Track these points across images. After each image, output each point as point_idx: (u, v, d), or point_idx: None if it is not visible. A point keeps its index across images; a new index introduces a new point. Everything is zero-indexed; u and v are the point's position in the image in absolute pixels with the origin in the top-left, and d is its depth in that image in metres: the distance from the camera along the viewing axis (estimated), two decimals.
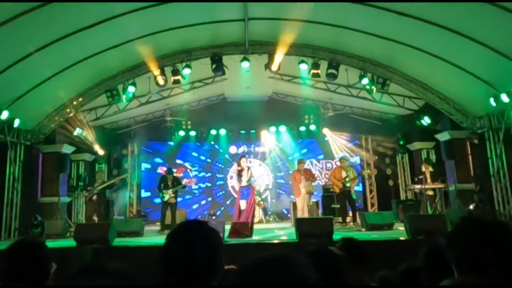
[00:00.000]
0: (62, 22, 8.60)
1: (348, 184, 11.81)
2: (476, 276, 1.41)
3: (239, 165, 10.19)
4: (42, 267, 2.20)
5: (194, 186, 16.40)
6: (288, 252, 1.06)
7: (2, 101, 10.21)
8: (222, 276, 1.60)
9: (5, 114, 10.34)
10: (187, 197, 16.51)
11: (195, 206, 16.61)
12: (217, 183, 17.07)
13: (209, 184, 17.03)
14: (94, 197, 12.29)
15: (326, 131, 16.36)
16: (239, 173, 10.12)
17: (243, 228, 9.52)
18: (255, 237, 9.51)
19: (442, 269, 1.76)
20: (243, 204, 9.92)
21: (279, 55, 10.86)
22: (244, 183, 10.02)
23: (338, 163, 13.10)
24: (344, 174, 11.91)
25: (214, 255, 1.60)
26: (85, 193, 12.29)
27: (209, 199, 16.88)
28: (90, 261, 1.30)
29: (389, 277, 3.09)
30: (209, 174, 17.12)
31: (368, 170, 15.10)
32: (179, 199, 15.82)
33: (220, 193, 16.93)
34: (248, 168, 10.23)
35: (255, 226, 13.27)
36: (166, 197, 11.79)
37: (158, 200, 12.55)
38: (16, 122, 10.94)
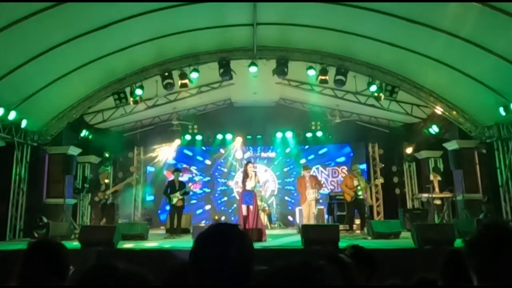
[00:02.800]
0: (69, 25, 8.63)
1: (360, 193, 11.70)
2: (498, 284, 1.36)
3: (245, 170, 10.17)
4: (60, 268, 2.17)
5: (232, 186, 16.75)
6: (313, 259, 1.06)
7: (10, 102, 10.24)
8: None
9: (12, 115, 10.37)
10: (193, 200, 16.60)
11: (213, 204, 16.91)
12: (230, 187, 17.14)
13: (225, 188, 17.14)
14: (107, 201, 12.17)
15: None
16: (244, 178, 10.10)
17: (254, 234, 9.47)
18: (259, 244, 9.42)
19: (460, 277, 1.70)
20: (244, 209, 9.89)
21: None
22: (248, 188, 9.99)
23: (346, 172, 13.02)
24: (356, 182, 11.76)
25: (248, 260, 1.55)
26: (97, 198, 12.15)
27: (225, 198, 17.01)
28: (100, 261, 1.26)
29: (398, 286, 3.03)
30: (224, 180, 17.18)
31: (381, 179, 14.88)
32: (193, 201, 15.75)
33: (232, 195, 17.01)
34: (255, 173, 10.20)
35: None
36: (174, 201, 11.73)
37: (162, 204, 12.46)
38: (24, 123, 10.97)
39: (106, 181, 12.44)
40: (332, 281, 1.03)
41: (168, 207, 12.15)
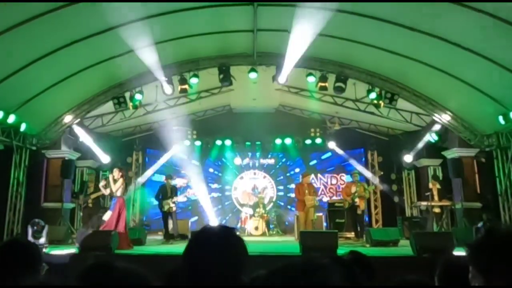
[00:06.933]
0: (70, 29, 8.61)
1: (356, 200, 11.63)
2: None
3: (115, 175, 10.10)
4: (31, 266, 2.16)
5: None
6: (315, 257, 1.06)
7: (9, 105, 10.23)
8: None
9: (11, 118, 10.36)
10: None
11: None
12: (226, 194, 17.15)
13: (219, 194, 17.09)
14: (90, 205, 12.19)
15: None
16: (113, 183, 10.00)
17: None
18: (258, 249, 9.33)
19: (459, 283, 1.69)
20: (107, 215, 9.83)
21: (288, 68, 10.80)
22: (118, 194, 9.94)
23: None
24: (353, 189, 11.72)
25: (241, 262, 1.53)
26: (80, 200, 12.22)
27: (219, 206, 16.94)
28: (99, 260, 1.25)
29: (398, 286, 3.00)
30: (219, 186, 17.16)
31: (373, 187, 14.84)
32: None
33: (227, 202, 17.03)
34: (120, 179, 10.07)
35: (259, 238, 13.20)
36: (166, 207, 11.67)
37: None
38: (23, 127, 10.96)
39: (91, 184, 12.34)
40: (335, 277, 1.03)
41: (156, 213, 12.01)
